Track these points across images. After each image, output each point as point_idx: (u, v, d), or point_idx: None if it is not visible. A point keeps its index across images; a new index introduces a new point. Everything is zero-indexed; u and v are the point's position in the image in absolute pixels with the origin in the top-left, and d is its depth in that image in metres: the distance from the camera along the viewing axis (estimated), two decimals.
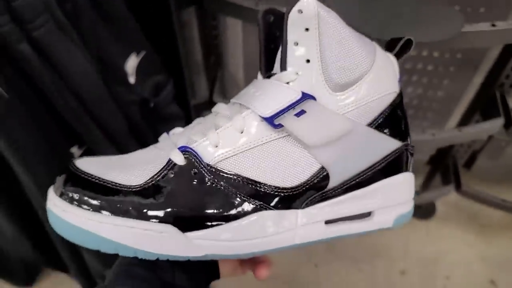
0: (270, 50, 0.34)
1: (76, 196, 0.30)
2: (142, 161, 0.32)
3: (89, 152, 0.59)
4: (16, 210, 0.68)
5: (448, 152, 1.04)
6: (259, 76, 0.36)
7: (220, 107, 0.35)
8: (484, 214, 1.20)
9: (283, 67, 0.32)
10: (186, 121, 0.78)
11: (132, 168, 0.31)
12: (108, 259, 0.71)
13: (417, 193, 1.08)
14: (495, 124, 0.82)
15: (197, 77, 0.99)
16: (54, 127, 0.52)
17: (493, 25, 0.63)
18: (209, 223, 0.30)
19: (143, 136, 0.67)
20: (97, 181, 0.30)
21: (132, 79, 0.62)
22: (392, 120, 0.34)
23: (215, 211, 0.30)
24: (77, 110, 0.51)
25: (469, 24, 0.62)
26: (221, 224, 0.30)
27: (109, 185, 0.30)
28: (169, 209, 0.30)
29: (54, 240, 0.70)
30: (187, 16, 0.88)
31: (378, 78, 0.33)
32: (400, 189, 0.35)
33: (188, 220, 0.30)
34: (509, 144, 1.00)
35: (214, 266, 0.37)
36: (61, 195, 0.31)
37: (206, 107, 0.91)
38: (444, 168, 1.08)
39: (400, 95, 0.36)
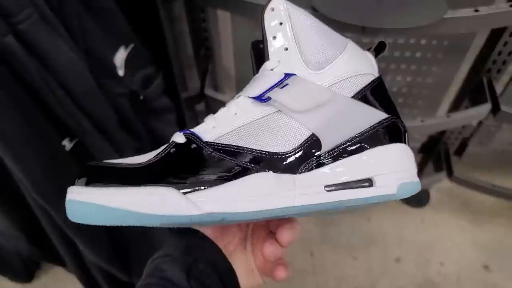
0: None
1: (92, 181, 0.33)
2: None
3: (80, 144, 0.60)
4: (9, 204, 0.69)
5: (439, 140, 1.05)
6: None
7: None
8: (477, 201, 1.22)
9: (266, 59, 0.37)
10: (176, 114, 0.79)
11: (141, 156, 0.35)
12: (102, 251, 0.73)
13: None
14: (483, 110, 0.83)
15: (189, 71, 1.00)
16: (44, 120, 0.53)
17: (476, 11, 0.64)
18: (208, 186, 0.33)
19: (133, 129, 0.68)
20: (109, 165, 0.33)
21: (121, 72, 0.63)
22: (374, 96, 0.37)
23: (214, 175, 0.33)
24: (65, 102, 0.52)
25: (452, 10, 0.63)
26: (220, 184, 0.33)
27: (120, 166, 0.33)
28: (170, 177, 0.32)
29: (49, 233, 0.70)
30: (177, 11, 0.88)
31: (354, 59, 0.38)
32: (396, 157, 0.36)
33: (188, 185, 0.32)
34: (498, 129, 1.01)
35: (233, 278, 0.38)
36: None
37: (197, 100, 0.92)
38: (436, 156, 1.09)
39: (380, 79, 0.39)
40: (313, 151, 0.35)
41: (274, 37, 0.37)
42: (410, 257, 1.14)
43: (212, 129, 0.35)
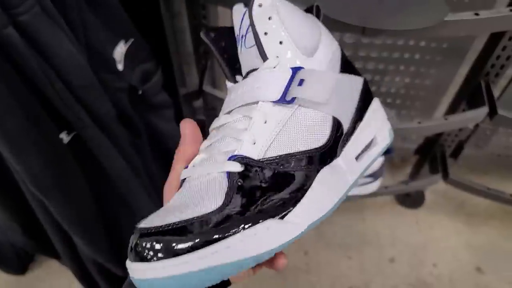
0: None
1: (160, 248, 0.30)
2: (198, 193, 0.33)
3: (78, 138, 0.60)
4: (6, 196, 0.69)
5: (435, 142, 1.05)
6: (229, 83, 0.40)
7: (221, 120, 0.38)
8: (472, 203, 1.22)
9: (264, 57, 0.37)
10: (175, 109, 0.79)
11: (197, 202, 0.32)
12: (98, 245, 0.73)
13: (405, 182, 1.10)
14: (480, 113, 0.83)
15: (188, 67, 1.00)
16: (42, 113, 0.53)
17: (477, 14, 0.64)
18: (290, 206, 0.33)
19: (132, 124, 0.68)
20: (176, 226, 0.30)
21: (120, 66, 0.63)
22: (347, 65, 0.41)
23: (289, 192, 0.34)
24: (64, 95, 0.52)
25: (452, 13, 0.63)
26: (298, 198, 0.34)
27: (190, 222, 0.30)
28: (258, 208, 0.32)
29: (45, 226, 0.70)
30: (178, 7, 0.88)
31: (327, 35, 0.40)
32: (379, 111, 0.42)
33: (276, 209, 0.33)
34: (494, 133, 1.02)
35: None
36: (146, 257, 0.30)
37: (195, 96, 0.92)
38: (432, 158, 1.10)
39: (339, 46, 0.41)
40: (339, 133, 0.37)
41: (266, 33, 0.36)
42: (403, 257, 1.15)
43: (253, 145, 0.34)
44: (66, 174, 0.60)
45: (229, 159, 0.33)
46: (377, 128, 0.40)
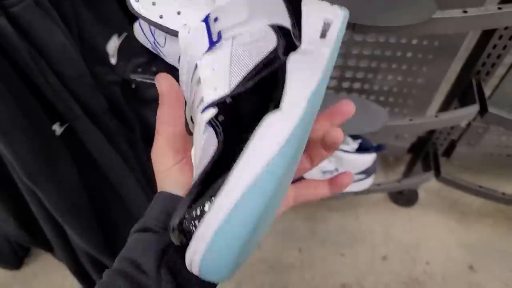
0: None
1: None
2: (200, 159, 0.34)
3: (70, 130, 0.60)
4: (0, 188, 0.70)
5: (428, 140, 1.06)
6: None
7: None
8: (464, 202, 1.23)
9: (175, 34, 0.37)
10: None
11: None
12: (90, 236, 0.73)
13: (398, 180, 1.11)
14: (470, 111, 0.84)
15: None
16: (34, 103, 0.53)
17: (465, 12, 0.65)
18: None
19: (125, 117, 0.69)
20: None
21: (113, 60, 0.64)
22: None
23: (270, 95, 0.35)
24: (56, 86, 0.52)
25: (441, 10, 0.64)
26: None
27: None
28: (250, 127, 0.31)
29: (38, 217, 0.71)
30: None
31: None
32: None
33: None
34: (486, 131, 1.03)
35: None
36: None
37: None
38: (424, 156, 1.11)
39: None
40: (285, 31, 0.37)
41: (161, 16, 0.37)
42: (396, 255, 1.15)
43: (215, 91, 0.34)
44: (57, 165, 0.60)
45: (202, 112, 0.33)
46: (322, 11, 0.37)
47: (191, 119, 0.38)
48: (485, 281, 1.10)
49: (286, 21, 0.37)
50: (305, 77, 0.32)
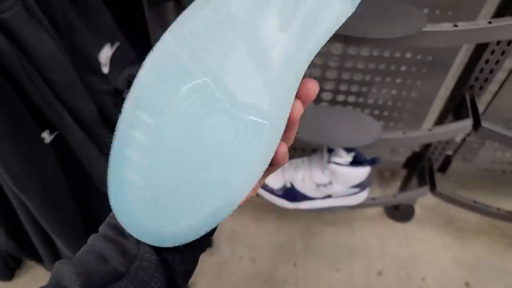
0: None
1: None
2: None
3: (60, 138, 0.60)
4: None
5: (423, 155, 1.06)
6: None
7: None
8: (460, 218, 1.22)
9: None
10: None
11: None
12: (79, 247, 0.73)
13: (393, 195, 1.10)
14: (464, 125, 0.84)
15: None
16: (23, 110, 0.53)
17: (455, 26, 0.65)
18: None
19: (115, 125, 0.69)
20: None
21: (105, 69, 0.64)
22: None
23: None
24: (46, 93, 0.52)
25: (432, 24, 0.65)
26: None
27: None
28: None
29: (27, 227, 0.71)
30: (169, 16, 0.90)
31: None
32: None
33: None
34: (481, 146, 1.03)
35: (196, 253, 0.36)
36: None
37: None
38: (420, 171, 1.10)
39: None
40: None
41: None
42: (392, 271, 1.14)
43: None
44: (46, 174, 0.60)
45: None
46: None
47: None
48: None
49: None
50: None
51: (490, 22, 0.66)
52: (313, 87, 0.32)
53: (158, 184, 0.31)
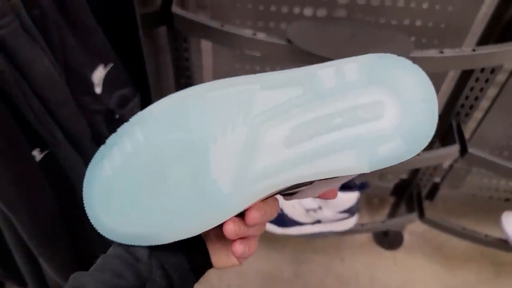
0: None
1: None
2: None
3: (51, 156, 0.60)
4: None
5: (411, 182, 1.07)
6: None
7: None
8: (449, 246, 1.23)
9: None
10: None
11: None
12: (66, 271, 0.71)
13: (382, 221, 1.10)
14: (451, 150, 0.86)
15: None
16: (14, 127, 0.53)
17: (441, 52, 0.68)
18: None
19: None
20: None
21: (98, 90, 0.65)
22: None
23: None
24: (39, 110, 0.52)
25: (419, 50, 0.67)
26: None
27: None
28: None
29: (12, 248, 0.69)
30: (162, 41, 0.92)
31: None
32: None
33: None
34: (468, 173, 1.04)
35: (203, 258, 0.38)
36: None
37: None
38: (408, 198, 1.11)
39: None
40: None
41: None
42: None
43: None
44: (36, 192, 0.60)
45: None
46: None
47: None
48: None
49: None
50: None
51: (474, 50, 0.68)
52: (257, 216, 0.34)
53: (124, 187, 0.35)
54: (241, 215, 0.34)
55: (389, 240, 1.22)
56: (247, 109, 0.32)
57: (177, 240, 0.34)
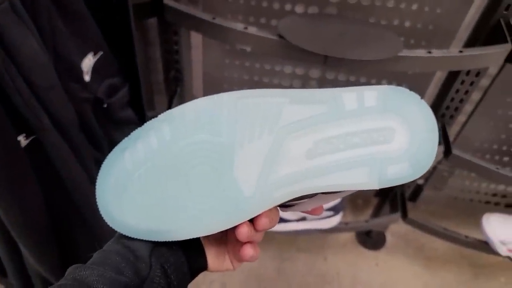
0: None
1: None
2: None
3: (37, 142, 0.59)
4: None
5: None
6: None
7: None
8: (430, 247, 1.24)
9: None
10: None
11: None
12: (48, 259, 0.70)
13: (366, 220, 1.11)
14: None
15: (159, 96, 1.02)
16: (0, 111, 0.52)
17: (429, 52, 0.69)
18: None
19: (94, 136, 0.69)
20: None
21: (87, 77, 0.64)
22: None
23: None
24: (26, 94, 0.52)
25: (408, 50, 0.68)
26: None
27: None
28: None
29: None
30: (152, 34, 0.91)
31: None
32: None
33: None
34: (451, 175, 1.06)
35: (201, 259, 0.39)
36: None
37: None
38: (392, 198, 1.12)
39: None
40: None
41: None
42: None
43: None
44: (19, 178, 0.59)
45: None
46: None
47: None
48: None
49: None
50: None
51: (461, 51, 0.69)
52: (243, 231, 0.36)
53: (143, 181, 0.35)
54: (250, 221, 0.36)
55: (372, 240, 1.23)
56: (275, 120, 0.34)
57: (189, 238, 0.35)
